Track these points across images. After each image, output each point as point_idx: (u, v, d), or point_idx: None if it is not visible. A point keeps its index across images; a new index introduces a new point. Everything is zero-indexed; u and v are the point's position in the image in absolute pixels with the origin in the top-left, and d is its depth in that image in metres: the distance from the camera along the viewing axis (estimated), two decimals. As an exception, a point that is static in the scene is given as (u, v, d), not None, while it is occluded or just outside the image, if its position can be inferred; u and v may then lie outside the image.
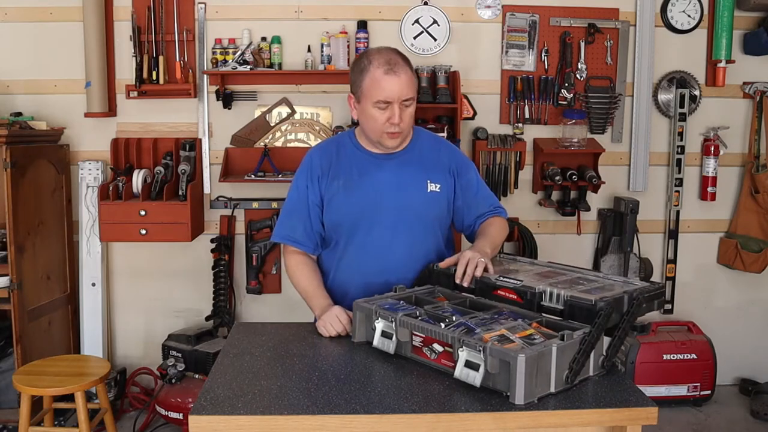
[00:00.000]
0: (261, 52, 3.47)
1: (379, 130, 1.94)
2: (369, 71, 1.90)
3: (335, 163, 2.03)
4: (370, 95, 1.90)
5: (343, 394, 1.44)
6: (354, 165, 2.03)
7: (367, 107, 1.92)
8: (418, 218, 2.03)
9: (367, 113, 1.94)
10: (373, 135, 1.98)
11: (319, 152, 2.08)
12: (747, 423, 3.48)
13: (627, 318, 1.56)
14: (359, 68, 1.93)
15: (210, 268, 3.56)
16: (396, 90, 1.88)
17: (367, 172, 2.02)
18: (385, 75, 1.88)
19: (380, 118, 1.91)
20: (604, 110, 3.60)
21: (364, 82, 1.91)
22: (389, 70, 1.88)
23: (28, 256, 3.14)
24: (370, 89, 1.90)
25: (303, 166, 2.08)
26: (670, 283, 3.79)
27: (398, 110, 1.90)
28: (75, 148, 3.56)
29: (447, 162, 2.09)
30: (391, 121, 1.91)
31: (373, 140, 2.00)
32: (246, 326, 1.96)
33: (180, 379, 3.17)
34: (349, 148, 2.06)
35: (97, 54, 3.39)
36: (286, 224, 2.08)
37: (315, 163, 2.05)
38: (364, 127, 2.00)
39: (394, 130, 1.93)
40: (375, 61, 1.90)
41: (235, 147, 3.57)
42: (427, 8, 3.55)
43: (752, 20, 3.67)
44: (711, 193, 3.72)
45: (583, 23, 3.59)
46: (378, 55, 1.92)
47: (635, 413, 1.41)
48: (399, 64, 1.90)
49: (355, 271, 2.03)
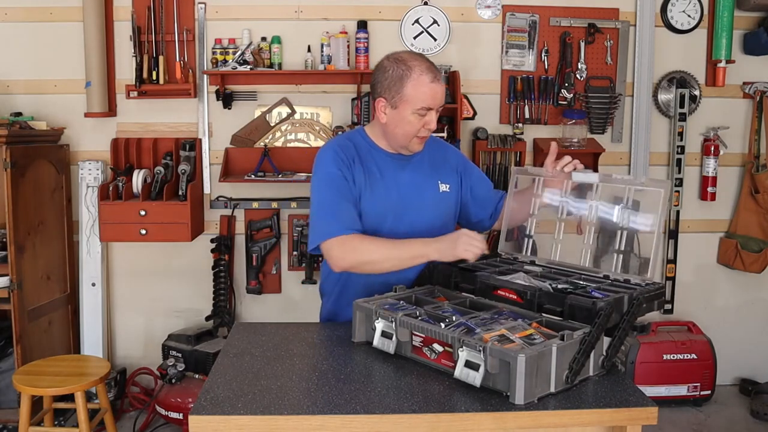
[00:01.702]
0: (261, 52, 3.47)
1: (412, 135, 1.96)
2: (412, 78, 1.90)
3: (357, 160, 2.01)
4: (413, 101, 1.91)
5: (343, 394, 1.44)
6: (374, 163, 2.02)
7: (406, 113, 1.93)
8: (435, 217, 2.07)
9: (404, 119, 1.94)
10: (403, 140, 1.98)
11: (339, 147, 2.02)
12: (747, 423, 3.48)
13: (627, 318, 1.56)
14: (397, 75, 1.92)
15: (210, 268, 3.56)
16: (439, 97, 1.94)
17: (388, 171, 2.02)
18: (431, 83, 1.91)
19: (417, 124, 1.94)
20: (604, 110, 3.60)
21: (406, 88, 1.91)
22: (434, 78, 1.92)
23: (28, 256, 3.14)
24: (414, 95, 1.91)
25: (328, 158, 1.98)
26: (670, 283, 3.79)
27: (435, 116, 1.95)
28: (75, 148, 3.56)
29: (453, 162, 2.16)
30: (427, 127, 1.95)
31: (399, 144, 2.00)
32: (246, 326, 1.96)
33: (180, 379, 3.17)
34: (365, 146, 2.05)
35: (97, 54, 3.39)
36: (343, 215, 1.93)
37: (341, 155, 1.99)
38: (395, 131, 1.97)
39: (425, 135, 1.98)
40: (417, 68, 1.91)
41: (235, 147, 3.57)
42: (427, 8, 3.55)
43: (752, 20, 3.67)
44: (711, 193, 3.72)
45: (583, 23, 3.59)
46: (417, 62, 1.93)
47: (635, 413, 1.41)
48: (438, 72, 1.95)
49: None
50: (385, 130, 2.01)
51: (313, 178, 2.01)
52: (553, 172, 1.98)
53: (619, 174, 2.02)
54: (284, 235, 3.65)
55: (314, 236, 1.94)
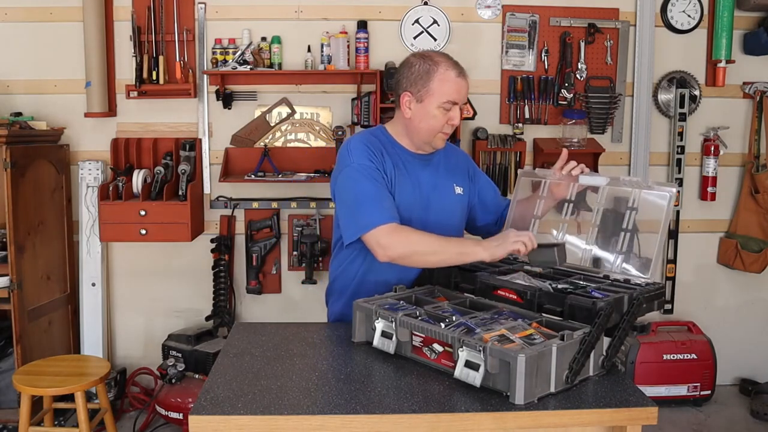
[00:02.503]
0: (261, 52, 3.47)
1: (436, 130, 1.98)
2: (438, 72, 1.93)
3: (384, 155, 2.00)
4: (439, 95, 1.93)
5: (343, 394, 1.44)
6: (399, 160, 2.02)
7: (431, 107, 1.94)
8: (451, 218, 2.10)
9: (429, 113, 1.95)
10: (427, 135, 1.99)
11: (367, 140, 2.00)
12: (747, 423, 3.48)
13: (627, 318, 1.56)
14: (423, 69, 1.94)
15: (210, 268, 3.56)
16: (464, 93, 1.97)
17: (412, 169, 2.03)
18: (457, 77, 1.94)
19: (441, 119, 1.95)
20: (604, 110, 3.59)
21: (432, 82, 1.93)
22: (460, 73, 1.96)
23: (28, 256, 3.14)
24: (440, 89, 1.93)
25: (359, 151, 1.95)
26: (670, 283, 3.79)
27: (459, 112, 1.97)
28: (75, 148, 3.56)
29: (465, 166, 2.19)
30: (451, 122, 1.97)
31: (422, 140, 2.01)
32: (246, 326, 1.96)
33: (180, 379, 3.17)
34: (388, 143, 2.04)
35: (97, 54, 3.39)
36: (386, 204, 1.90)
37: (371, 148, 1.97)
38: (420, 125, 1.98)
39: (449, 131, 2.00)
40: (443, 64, 1.95)
41: (235, 147, 3.57)
42: (427, 8, 3.55)
43: (752, 20, 3.67)
44: (711, 193, 3.72)
45: (583, 23, 3.59)
46: (443, 58, 1.98)
47: (635, 413, 1.41)
48: (462, 68, 1.98)
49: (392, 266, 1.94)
50: (409, 126, 2.01)
51: (344, 171, 1.96)
52: (560, 175, 1.99)
53: (627, 177, 2.02)
54: (284, 235, 3.65)
55: (356, 226, 1.88)
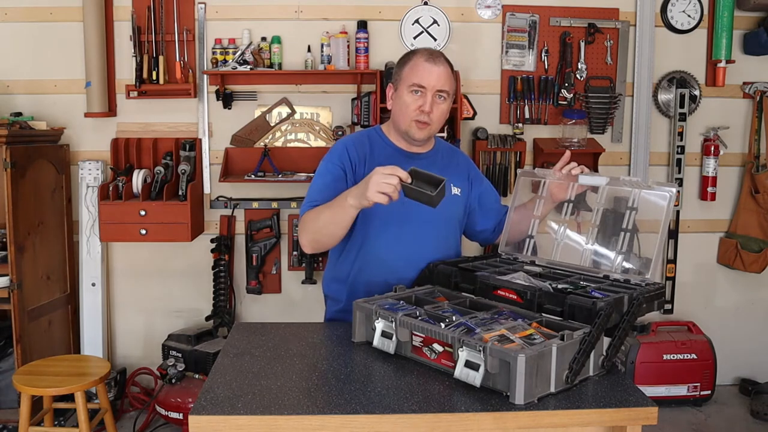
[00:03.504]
0: (261, 52, 3.47)
1: (409, 118, 1.98)
2: (411, 60, 2.00)
3: (369, 156, 2.03)
4: (407, 79, 1.98)
5: (343, 394, 1.44)
6: (386, 160, 2.01)
7: (403, 93, 1.99)
8: (444, 218, 2.09)
9: (401, 99, 1.99)
10: (402, 123, 2.01)
11: (352, 143, 2.06)
12: (747, 423, 3.48)
13: (627, 318, 1.56)
14: (403, 61, 2.03)
15: (210, 268, 3.56)
16: (433, 77, 1.96)
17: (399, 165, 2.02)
18: (425, 62, 1.97)
19: (412, 105, 1.97)
20: (604, 110, 3.59)
21: (404, 69, 2.00)
22: (429, 58, 1.98)
23: (28, 256, 3.14)
24: (408, 74, 1.99)
25: (336, 153, 2.04)
26: (670, 283, 3.79)
27: (430, 99, 1.96)
28: (75, 148, 3.56)
29: (465, 169, 2.20)
30: (421, 109, 1.96)
31: (401, 130, 2.03)
32: (246, 326, 1.96)
33: (180, 379, 3.17)
34: (379, 143, 2.08)
35: (97, 54, 3.39)
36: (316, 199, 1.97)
37: (351, 152, 2.02)
38: (395, 114, 2.03)
39: (423, 119, 1.98)
40: (419, 52, 2.02)
41: (235, 147, 3.57)
42: (427, 8, 3.55)
43: (752, 20, 3.67)
44: (711, 193, 3.72)
45: (583, 23, 3.59)
46: (422, 50, 2.04)
47: (635, 413, 1.41)
48: (440, 57, 2.00)
49: (383, 265, 2.01)
50: (392, 118, 2.06)
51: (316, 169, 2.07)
52: (560, 175, 1.99)
53: (627, 177, 2.02)
54: (284, 235, 3.65)
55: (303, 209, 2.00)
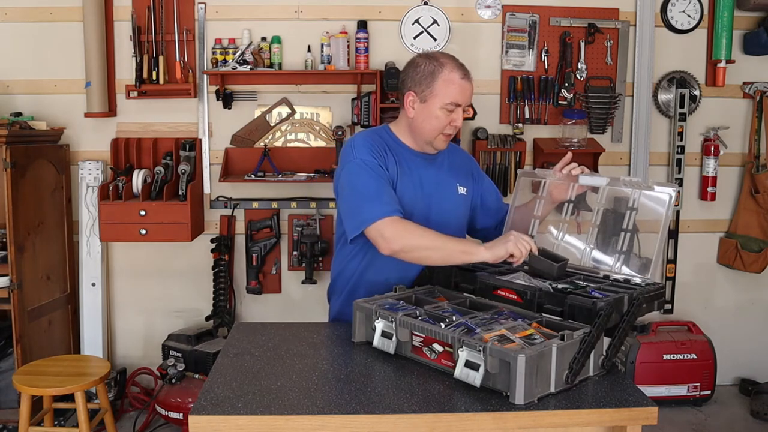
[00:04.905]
0: (261, 52, 3.47)
1: (438, 131, 1.98)
2: (443, 73, 1.95)
3: (388, 152, 2.01)
4: (442, 96, 1.94)
5: (343, 394, 1.44)
6: (402, 158, 2.03)
7: (434, 108, 1.95)
8: (454, 218, 2.10)
9: (432, 113, 1.96)
10: (429, 135, 2.00)
11: (370, 138, 2.02)
12: (747, 423, 3.48)
13: (627, 318, 1.56)
14: (429, 70, 1.96)
15: (210, 268, 3.56)
16: (468, 95, 1.98)
17: (414, 168, 2.04)
18: (461, 80, 1.96)
19: (444, 120, 1.96)
20: (604, 110, 3.59)
21: (436, 83, 1.95)
22: (465, 75, 1.97)
23: (28, 256, 3.14)
24: (443, 91, 1.94)
25: (362, 148, 1.96)
26: (670, 283, 3.79)
27: (462, 114, 1.98)
28: (75, 148, 3.56)
29: (468, 167, 2.21)
30: (453, 124, 1.97)
31: (425, 140, 2.02)
32: (246, 326, 1.96)
33: (180, 379, 3.17)
34: (390, 142, 2.05)
35: (97, 54, 3.39)
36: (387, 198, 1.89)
37: (374, 145, 1.98)
38: (422, 125, 1.99)
39: (451, 132, 2.00)
40: (448, 65, 1.97)
41: (235, 147, 3.57)
42: (427, 8, 3.55)
43: (752, 20, 3.67)
44: (711, 193, 3.72)
45: (583, 23, 3.59)
46: (448, 60, 1.99)
47: (635, 413, 1.41)
48: (468, 72, 2.00)
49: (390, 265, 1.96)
50: (412, 126, 2.02)
51: (346, 167, 1.96)
52: (560, 175, 2.00)
53: (627, 177, 2.03)
54: (284, 235, 3.65)
55: (358, 220, 1.88)
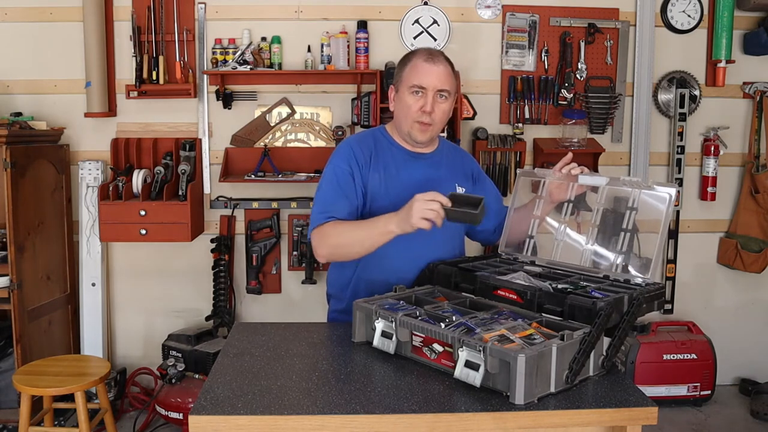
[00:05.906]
0: (261, 52, 3.47)
1: (411, 119, 1.98)
2: (411, 61, 1.99)
3: (374, 156, 2.03)
4: (407, 80, 1.97)
5: (343, 394, 1.44)
6: (391, 160, 2.03)
7: (404, 94, 1.98)
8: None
9: (402, 101, 1.99)
10: (404, 124, 2.00)
11: (357, 143, 2.05)
12: (747, 423, 3.48)
13: (627, 318, 1.56)
14: (403, 62, 2.03)
15: (210, 268, 3.56)
16: (433, 77, 1.95)
17: (404, 167, 2.04)
18: (424, 62, 1.96)
19: (413, 106, 1.96)
20: (604, 110, 3.59)
21: (404, 70, 2.00)
22: (429, 58, 1.97)
23: (28, 256, 3.14)
24: (408, 75, 1.98)
25: (342, 153, 2.01)
26: (670, 283, 3.79)
27: (431, 99, 1.95)
28: (75, 148, 3.56)
29: (469, 168, 2.20)
30: (423, 109, 1.95)
31: (404, 132, 2.02)
32: (246, 326, 1.96)
33: (180, 379, 3.17)
34: (383, 142, 2.07)
35: (97, 54, 3.39)
36: (331, 206, 1.95)
37: (357, 152, 2.01)
38: (398, 116, 2.03)
39: (425, 120, 1.97)
40: (418, 53, 2.01)
41: (235, 147, 3.57)
42: (427, 8, 3.55)
43: (752, 20, 3.67)
44: (711, 193, 3.72)
45: (583, 23, 3.59)
46: (421, 50, 2.03)
47: (635, 413, 1.41)
48: (440, 56, 1.99)
49: (389, 265, 1.99)
50: (395, 119, 2.06)
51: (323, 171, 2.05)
52: (560, 175, 1.99)
53: (627, 177, 2.03)
54: (284, 235, 3.65)
55: (316, 218, 1.97)
